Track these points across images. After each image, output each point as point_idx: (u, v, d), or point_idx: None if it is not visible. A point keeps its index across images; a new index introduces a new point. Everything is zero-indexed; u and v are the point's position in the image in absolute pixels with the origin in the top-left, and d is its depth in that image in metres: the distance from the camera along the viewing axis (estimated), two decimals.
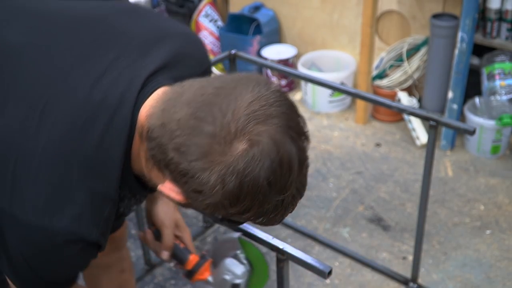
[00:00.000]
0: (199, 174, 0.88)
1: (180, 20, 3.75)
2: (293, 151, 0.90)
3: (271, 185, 0.88)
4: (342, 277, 2.24)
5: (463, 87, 2.74)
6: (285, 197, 0.92)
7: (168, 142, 0.89)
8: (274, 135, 0.88)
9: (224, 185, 0.87)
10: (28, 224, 0.94)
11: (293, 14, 3.45)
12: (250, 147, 0.87)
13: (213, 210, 0.93)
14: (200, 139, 0.87)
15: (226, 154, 0.86)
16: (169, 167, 0.91)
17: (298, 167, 0.91)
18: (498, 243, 2.35)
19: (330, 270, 1.24)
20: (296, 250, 1.27)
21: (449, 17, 2.80)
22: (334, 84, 2.16)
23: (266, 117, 0.88)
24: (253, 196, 0.89)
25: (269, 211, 0.93)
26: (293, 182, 0.91)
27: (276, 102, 0.91)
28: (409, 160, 2.85)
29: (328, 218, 2.52)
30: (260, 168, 0.87)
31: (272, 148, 0.87)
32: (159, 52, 1.05)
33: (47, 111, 0.96)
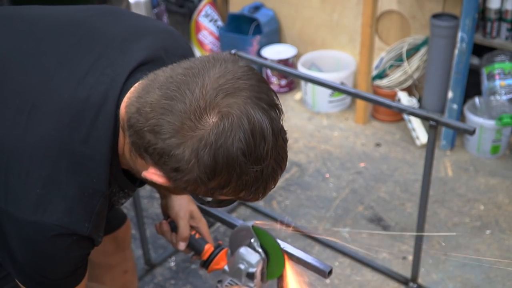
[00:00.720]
0: (174, 150, 0.90)
1: (180, 20, 3.75)
2: (265, 120, 0.92)
3: (245, 155, 0.90)
4: (342, 277, 2.24)
5: (463, 87, 2.74)
6: (263, 167, 0.94)
7: (143, 125, 0.92)
8: (244, 106, 0.90)
9: (198, 159, 0.90)
10: (22, 220, 0.97)
11: (293, 14, 3.45)
12: (220, 119, 0.89)
13: (194, 187, 0.95)
14: (172, 117, 0.90)
15: (198, 128, 0.89)
16: (148, 151, 0.94)
17: (272, 137, 0.93)
18: (498, 243, 2.35)
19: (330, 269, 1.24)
20: (296, 250, 1.27)
21: (449, 17, 2.80)
22: (334, 84, 2.16)
23: (234, 89, 0.91)
24: (229, 167, 0.91)
25: (249, 183, 0.94)
26: (269, 151, 0.93)
27: (244, 75, 0.94)
28: (409, 160, 2.85)
29: (328, 218, 2.52)
30: (232, 138, 0.89)
31: (242, 118, 0.90)
32: (139, 49, 1.07)
33: (34, 111, 0.99)
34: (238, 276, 1.30)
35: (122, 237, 1.66)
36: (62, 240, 0.99)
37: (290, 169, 2.81)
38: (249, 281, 1.30)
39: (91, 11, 1.16)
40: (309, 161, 2.87)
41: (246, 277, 1.29)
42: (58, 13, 1.16)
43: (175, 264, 2.31)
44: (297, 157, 2.90)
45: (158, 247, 2.38)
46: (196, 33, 3.68)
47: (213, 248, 1.41)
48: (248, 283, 1.30)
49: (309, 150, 2.96)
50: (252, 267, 1.28)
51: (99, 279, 1.66)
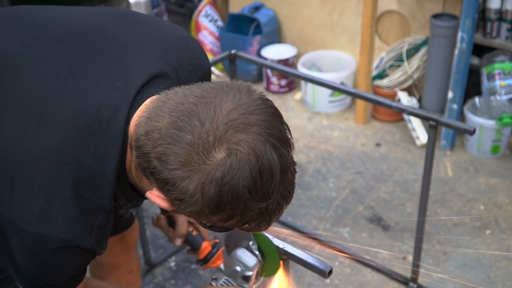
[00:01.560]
0: (179, 182, 0.89)
1: (180, 20, 3.75)
2: (274, 158, 0.90)
3: (251, 193, 0.89)
4: (342, 277, 2.24)
5: (463, 87, 2.74)
6: (268, 204, 0.92)
7: (151, 150, 0.91)
8: (253, 144, 0.88)
9: (203, 194, 0.88)
10: (26, 230, 0.97)
11: (293, 14, 3.45)
12: (228, 156, 0.87)
13: (197, 217, 0.94)
14: (179, 148, 0.88)
15: (204, 163, 0.88)
16: (153, 175, 0.92)
17: (280, 175, 0.91)
18: (498, 243, 2.35)
19: (330, 269, 1.24)
20: (296, 250, 1.28)
21: (449, 17, 2.80)
22: (334, 84, 2.16)
23: (245, 125, 0.89)
24: (233, 204, 0.89)
25: (252, 218, 0.93)
26: (276, 189, 0.91)
27: (256, 109, 0.91)
28: (409, 160, 2.85)
29: (328, 218, 2.52)
30: (239, 176, 0.87)
31: (251, 156, 0.88)
32: (152, 61, 1.05)
33: (42, 122, 0.98)
34: (234, 277, 1.31)
35: (129, 238, 1.67)
36: (64, 252, 0.99)
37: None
38: (244, 283, 1.30)
39: (106, 17, 1.14)
40: (309, 161, 2.87)
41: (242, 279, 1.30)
42: (72, 17, 1.14)
43: (175, 264, 2.31)
44: (297, 157, 2.89)
45: (158, 247, 2.38)
46: (196, 33, 3.68)
47: (210, 247, 1.41)
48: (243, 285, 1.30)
49: (309, 150, 2.96)
50: (248, 270, 1.28)
51: (104, 278, 1.67)
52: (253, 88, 0.96)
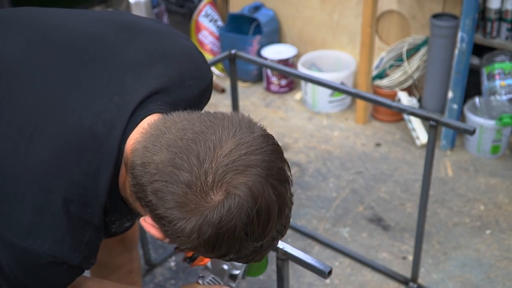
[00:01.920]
0: (176, 222, 0.88)
1: (180, 20, 3.75)
2: (272, 199, 0.89)
3: (247, 235, 0.89)
4: (342, 277, 2.24)
5: (463, 87, 2.74)
6: (263, 242, 0.92)
7: (147, 184, 0.90)
8: (252, 186, 0.87)
9: (199, 235, 0.88)
10: (14, 243, 0.96)
11: (293, 14, 3.45)
12: (226, 199, 0.86)
13: (193, 251, 0.95)
14: (177, 188, 0.87)
15: (202, 205, 0.86)
16: (148, 207, 0.92)
17: (278, 214, 0.91)
18: (498, 243, 2.35)
19: (330, 270, 1.24)
20: (296, 250, 1.27)
21: (449, 17, 2.80)
22: (334, 84, 2.16)
23: (245, 167, 0.87)
24: (229, 244, 0.89)
25: (247, 255, 0.93)
26: (272, 228, 0.91)
27: (257, 149, 0.89)
28: (409, 160, 2.85)
29: (328, 218, 2.52)
30: (236, 219, 0.86)
31: (249, 199, 0.87)
32: (153, 76, 1.03)
33: (36, 134, 0.96)
34: (221, 275, 1.31)
35: (130, 238, 1.66)
36: (52, 268, 0.98)
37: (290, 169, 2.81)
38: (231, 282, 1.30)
39: (108, 25, 1.12)
40: (309, 161, 2.87)
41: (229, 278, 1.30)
42: (73, 24, 1.12)
43: (175, 264, 2.31)
44: (297, 157, 2.90)
45: (158, 247, 2.38)
46: (196, 33, 3.68)
47: None
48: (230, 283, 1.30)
49: (309, 150, 2.96)
50: (235, 269, 1.28)
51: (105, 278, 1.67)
52: (254, 122, 0.94)
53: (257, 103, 3.38)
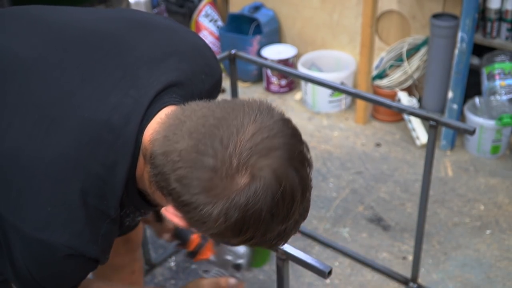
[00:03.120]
0: (202, 207, 0.88)
1: (180, 20, 3.75)
2: (296, 181, 0.90)
3: (273, 217, 0.90)
4: (342, 277, 2.24)
5: (463, 87, 2.74)
6: (288, 225, 0.93)
7: (170, 172, 0.90)
8: (277, 169, 0.88)
9: (226, 219, 0.88)
10: (30, 236, 0.95)
11: (293, 14, 3.45)
12: (252, 181, 0.87)
13: (217, 238, 0.94)
14: (202, 173, 0.87)
15: (228, 188, 0.87)
16: (171, 195, 0.91)
17: (301, 196, 0.92)
18: (498, 243, 2.35)
19: (330, 270, 1.24)
20: (296, 250, 1.27)
21: (449, 17, 2.80)
22: (334, 84, 2.16)
23: (268, 150, 0.88)
24: (255, 227, 0.90)
25: (271, 238, 0.94)
26: (296, 210, 0.92)
27: (279, 132, 0.91)
28: (409, 160, 2.85)
29: (328, 218, 2.52)
30: (262, 202, 0.87)
31: (274, 181, 0.88)
32: (166, 70, 1.04)
33: (52, 127, 0.96)
34: (225, 266, 1.31)
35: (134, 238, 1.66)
36: (69, 261, 0.98)
37: None
38: (235, 272, 1.30)
39: (119, 22, 1.13)
40: None
41: (233, 268, 1.30)
42: (84, 21, 1.12)
43: (175, 264, 2.31)
44: None
45: (158, 247, 2.38)
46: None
47: (199, 238, 1.41)
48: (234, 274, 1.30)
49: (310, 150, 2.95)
50: (239, 258, 1.28)
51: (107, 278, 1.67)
52: (273, 107, 0.96)
53: None
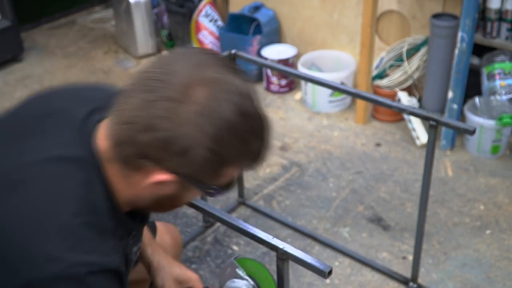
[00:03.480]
0: (173, 133, 0.91)
1: (180, 20, 3.75)
2: (243, 83, 0.96)
3: (242, 115, 0.93)
4: (342, 277, 2.24)
5: (463, 87, 2.74)
6: (258, 125, 0.97)
7: (134, 129, 0.93)
8: (221, 75, 0.94)
9: (202, 132, 0.91)
10: (51, 277, 0.92)
11: (293, 14, 3.45)
12: (206, 89, 0.92)
13: (202, 172, 0.95)
14: (160, 105, 0.91)
15: (188, 103, 0.90)
16: (146, 153, 0.93)
17: (254, 95, 0.97)
18: (498, 243, 2.35)
19: (330, 269, 1.24)
20: (296, 250, 1.28)
21: (449, 17, 2.80)
22: (334, 84, 2.16)
23: (207, 65, 0.95)
24: (230, 131, 0.93)
25: (249, 143, 0.96)
26: (258, 109, 0.97)
27: (207, 55, 0.98)
28: (409, 160, 2.85)
29: (328, 218, 2.52)
30: (225, 102, 0.92)
31: (225, 84, 0.93)
32: (84, 104, 1.08)
33: (23, 187, 0.97)
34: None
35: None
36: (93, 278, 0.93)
37: (290, 169, 2.82)
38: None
39: (29, 106, 1.15)
40: (309, 161, 2.87)
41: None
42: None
43: None
44: (297, 157, 2.90)
45: None
46: (196, 33, 3.68)
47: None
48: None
49: (309, 150, 2.96)
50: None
51: None
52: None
53: None
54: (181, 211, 2.56)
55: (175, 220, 2.52)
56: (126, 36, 3.94)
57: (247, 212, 2.56)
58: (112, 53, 4.02)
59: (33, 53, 4.03)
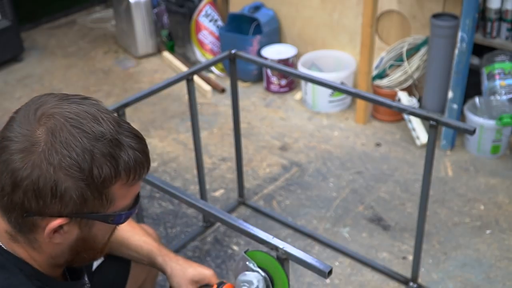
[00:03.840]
0: (36, 180, 0.91)
1: (180, 20, 3.75)
2: (75, 107, 0.95)
3: (89, 136, 0.93)
4: (342, 277, 2.24)
5: (463, 87, 2.74)
6: (116, 139, 0.95)
7: (6, 194, 0.94)
8: (53, 110, 0.94)
9: (59, 168, 0.91)
10: None
11: (293, 14, 3.45)
12: (43, 127, 0.92)
13: (88, 201, 0.94)
14: (14, 163, 0.92)
15: (35, 147, 0.92)
16: (28, 208, 0.94)
17: (95, 111, 0.97)
18: (498, 243, 2.35)
19: (330, 269, 1.24)
20: (296, 250, 1.28)
21: (449, 17, 2.80)
22: (334, 84, 2.16)
23: (39, 105, 0.96)
24: (88, 153, 0.92)
25: (127, 161, 0.95)
26: (105, 121, 0.96)
27: (42, 100, 0.98)
28: (409, 160, 2.85)
29: (328, 218, 2.52)
30: (67, 132, 0.92)
31: (59, 116, 0.93)
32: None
33: None
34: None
35: None
36: None
37: (290, 169, 2.82)
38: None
39: None
40: (309, 161, 2.87)
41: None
42: None
43: None
44: (297, 157, 2.90)
45: None
46: (196, 33, 3.68)
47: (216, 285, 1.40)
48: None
49: (309, 150, 2.96)
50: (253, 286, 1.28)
51: None
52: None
53: (257, 103, 3.38)
54: (181, 211, 2.56)
55: (175, 220, 2.52)
56: (126, 36, 3.94)
57: (247, 212, 2.56)
58: (112, 53, 4.02)
59: (33, 53, 4.04)
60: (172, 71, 3.76)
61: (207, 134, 3.09)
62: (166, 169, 2.85)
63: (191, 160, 2.84)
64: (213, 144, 3.02)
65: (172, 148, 3.01)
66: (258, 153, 2.93)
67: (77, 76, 3.76)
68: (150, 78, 3.70)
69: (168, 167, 2.86)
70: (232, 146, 2.77)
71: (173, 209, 2.59)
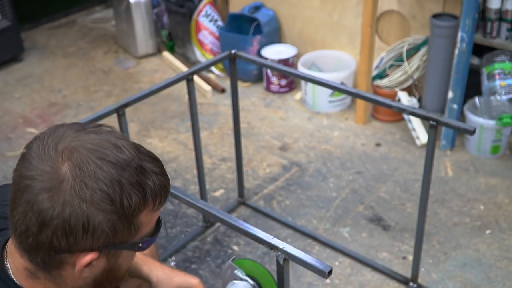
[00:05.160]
0: (67, 218, 0.89)
1: (180, 20, 3.75)
2: (94, 137, 0.94)
3: (117, 168, 0.91)
4: (342, 277, 2.24)
5: (463, 87, 2.74)
6: (139, 167, 0.95)
7: (32, 234, 0.91)
8: (73, 143, 0.92)
9: (89, 202, 0.89)
10: None
11: (293, 14, 3.45)
12: (68, 162, 0.90)
13: (118, 233, 0.93)
14: (40, 203, 0.89)
15: (61, 184, 0.89)
16: (57, 247, 0.92)
17: (126, 141, 0.96)
18: (498, 243, 2.35)
19: (330, 269, 1.24)
20: (296, 250, 1.28)
21: (449, 17, 2.80)
22: (334, 84, 2.16)
23: (58, 141, 0.93)
24: (116, 185, 0.90)
25: (146, 185, 0.95)
26: (127, 149, 0.95)
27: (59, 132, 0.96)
28: (409, 160, 2.85)
29: (328, 218, 2.52)
30: (92, 164, 0.90)
31: (81, 148, 0.91)
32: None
33: None
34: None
35: None
36: None
37: (290, 169, 2.82)
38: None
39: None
40: (309, 161, 2.87)
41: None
42: None
43: (175, 264, 2.31)
44: (297, 157, 2.90)
45: (158, 247, 2.38)
46: (196, 33, 3.68)
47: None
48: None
49: (309, 150, 2.96)
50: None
51: None
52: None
53: (257, 103, 3.39)
54: (181, 211, 2.56)
55: (175, 220, 2.52)
56: (126, 36, 3.95)
57: (247, 212, 2.56)
58: (112, 53, 4.02)
59: (33, 53, 4.04)
60: (172, 71, 3.76)
61: (207, 134, 3.09)
62: (166, 169, 2.84)
63: (191, 160, 2.84)
64: (213, 144, 3.02)
65: (172, 148, 3.01)
66: (258, 153, 2.93)
67: (77, 76, 3.76)
68: (150, 78, 3.70)
69: (168, 167, 2.86)
70: (232, 146, 2.77)
71: (173, 209, 2.59)
